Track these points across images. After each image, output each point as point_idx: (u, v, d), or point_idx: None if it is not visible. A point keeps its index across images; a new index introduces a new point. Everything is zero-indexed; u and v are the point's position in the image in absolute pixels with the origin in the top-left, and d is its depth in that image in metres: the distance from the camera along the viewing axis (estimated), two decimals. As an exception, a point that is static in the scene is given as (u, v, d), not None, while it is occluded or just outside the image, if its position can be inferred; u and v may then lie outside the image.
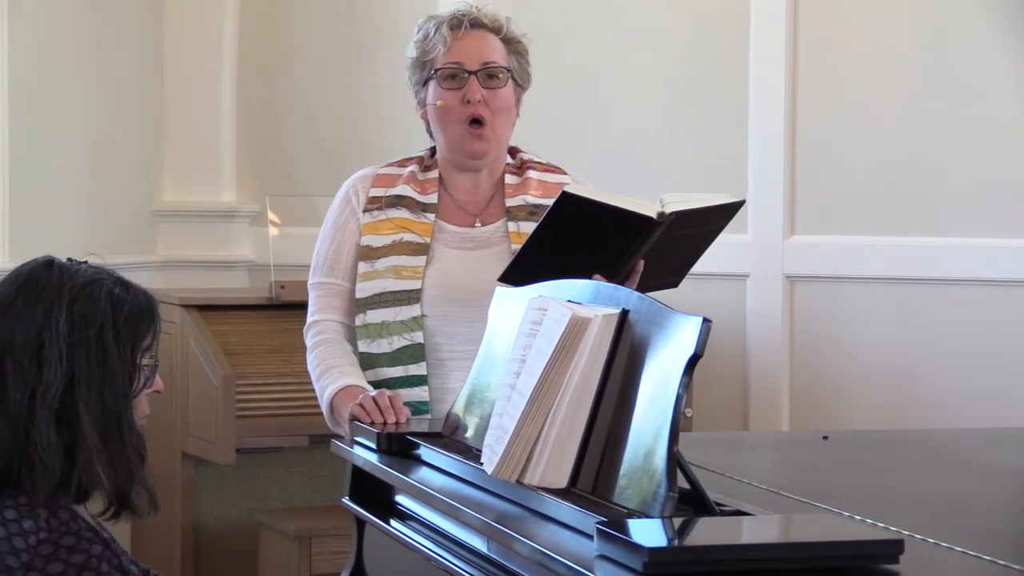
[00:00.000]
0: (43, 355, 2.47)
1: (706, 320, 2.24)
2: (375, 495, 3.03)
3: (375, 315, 3.38)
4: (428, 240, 3.41)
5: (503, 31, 3.44)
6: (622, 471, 2.29)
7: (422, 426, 3.11)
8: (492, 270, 3.20)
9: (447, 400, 3.15)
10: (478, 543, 2.51)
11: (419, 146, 3.56)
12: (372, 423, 3.11)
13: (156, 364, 2.57)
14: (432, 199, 3.45)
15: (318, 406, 3.39)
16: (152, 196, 5.65)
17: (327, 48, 5.64)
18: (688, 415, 2.27)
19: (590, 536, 2.15)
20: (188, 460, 4.99)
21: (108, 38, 5.40)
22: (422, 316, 3.37)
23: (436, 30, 3.41)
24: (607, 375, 2.38)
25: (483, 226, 3.45)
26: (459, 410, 2.87)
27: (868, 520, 2.38)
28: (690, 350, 2.24)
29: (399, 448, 2.98)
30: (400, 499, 2.93)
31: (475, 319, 3.14)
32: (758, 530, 2.20)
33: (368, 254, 3.42)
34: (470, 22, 3.41)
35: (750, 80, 5.02)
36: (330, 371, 3.35)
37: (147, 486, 2.53)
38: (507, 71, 3.41)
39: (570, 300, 2.52)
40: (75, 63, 5.27)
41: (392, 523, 2.90)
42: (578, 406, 2.38)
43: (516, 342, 2.53)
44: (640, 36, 5.20)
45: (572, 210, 3.03)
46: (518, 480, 2.42)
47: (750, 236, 5.00)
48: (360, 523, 3.12)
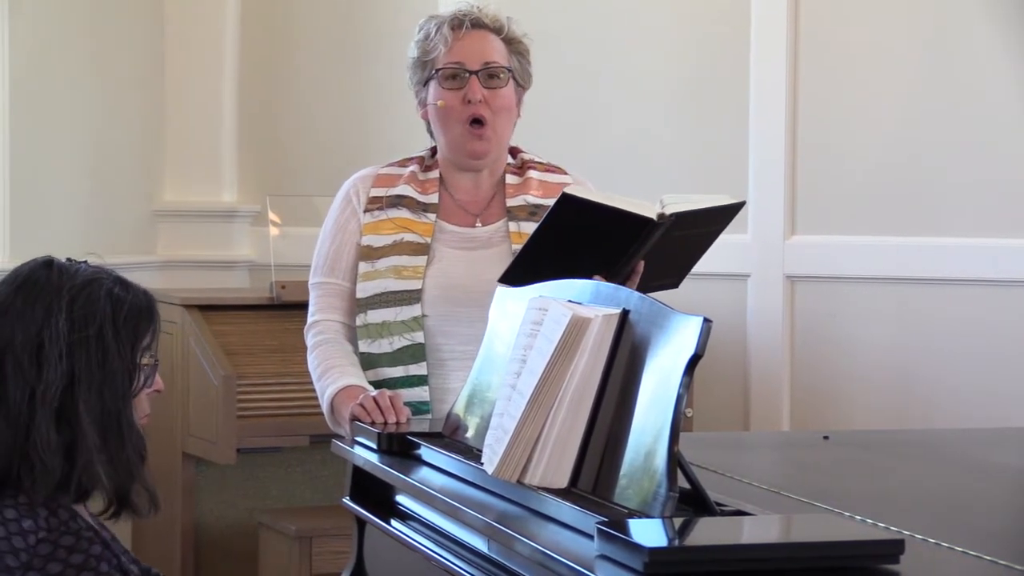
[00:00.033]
0: (43, 354, 2.47)
1: (707, 320, 2.24)
2: (376, 495, 3.03)
3: (376, 315, 3.38)
4: (429, 240, 3.41)
5: (504, 31, 3.43)
6: (623, 471, 2.29)
7: (423, 426, 3.10)
8: (493, 270, 3.20)
9: (447, 400, 3.15)
10: (479, 543, 2.51)
11: (420, 146, 3.56)
12: (373, 423, 3.10)
13: (156, 363, 2.57)
14: (433, 199, 3.45)
15: (318, 406, 3.39)
16: (153, 196, 5.65)
17: (328, 48, 5.63)
18: (689, 415, 2.27)
19: (591, 536, 2.15)
20: (188, 460, 4.99)
21: (108, 38, 5.40)
22: (423, 316, 3.37)
23: (437, 30, 3.40)
24: (608, 375, 2.38)
25: (484, 226, 3.45)
26: (459, 410, 2.87)
27: (868, 520, 2.38)
28: (691, 350, 2.24)
29: (400, 448, 2.98)
30: (401, 499, 2.93)
31: (476, 319, 3.14)
32: (758, 530, 2.20)
33: (369, 254, 3.42)
34: (471, 22, 3.41)
35: (751, 80, 5.02)
36: (331, 371, 3.35)
37: (147, 485, 2.53)
38: (508, 71, 3.41)
39: (571, 300, 2.52)
40: (75, 63, 5.27)
41: (393, 523, 2.90)
42: (579, 406, 2.38)
43: (517, 342, 2.53)
44: (641, 36, 5.19)
45: (572, 211, 3.03)
46: (519, 480, 2.42)
47: (750, 236, 4.99)
48: (361, 523, 3.12)
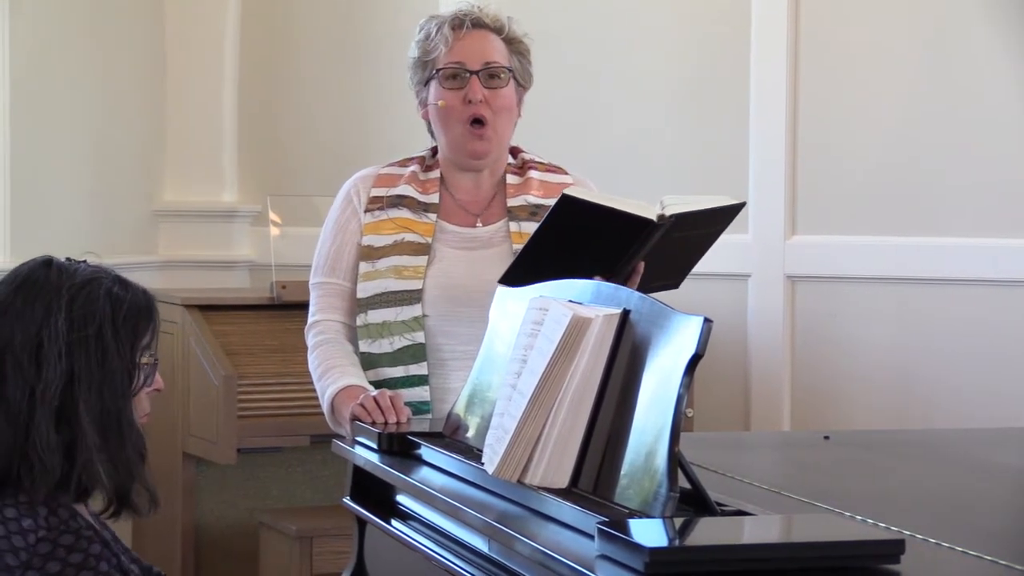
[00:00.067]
0: (42, 354, 2.47)
1: (707, 320, 2.24)
2: (376, 495, 3.03)
3: (376, 315, 3.38)
4: (429, 240, 3.41)
5: (505, 31, 3.43)
6: (623, 471, 2.29)
7: (423, 426, 3.10)
8: (493, 270, 3.20)
9: (448, 400, 3.15)
10: (479, 543, 2.51)
11: (420, 146, 3.56)
12: (373, 423, 3.10)
13: (156, 362, 2.57)
14: (433, 199, 3.45)
15: (319, 406, 3.38)
16: (153, 196, 5.65)
17: (328, 48, 5.63)
18: (689, 415, 2.27)
19: (591, 536, 2.15)
20: (189, 460, 4.99)
21: (109, 38, 5.40)
22: (423, 316, 3.37)
23: (438, 30, 3.40)
24: (608, 375, 2.38)
25: (484, 226, 3.45)
26: (460, 410, 2.87)
27: (869, 520, 2.38)
28: (691, 350, 2.24)
29: (400, 448, 2.98)
30: (401, 499, 2.93)
31: (476, 319, 3.14)
32: (759, 530, 2.20)
33: (369, 254, 3.41)
34: (472, 22, 3.41)
35: (751, 80, 5.02)
36: (331, 371, 3.34)
37: (147, 484, 2.53)
38: (509, 71, 3.41)
39: (571, 300, 2.52)
40: (76, 63, 5.27)
41: (393, 523, 2.90)
42: (579, 406, 2.38)
43: (517, 342, 2.53)
44: (641, 36, 5.19)
45: (572, 212, 3.02)
46: (519, 480, 2.42)
47: (751, 236, 4.99)
48: (361, 523, 3.11)
